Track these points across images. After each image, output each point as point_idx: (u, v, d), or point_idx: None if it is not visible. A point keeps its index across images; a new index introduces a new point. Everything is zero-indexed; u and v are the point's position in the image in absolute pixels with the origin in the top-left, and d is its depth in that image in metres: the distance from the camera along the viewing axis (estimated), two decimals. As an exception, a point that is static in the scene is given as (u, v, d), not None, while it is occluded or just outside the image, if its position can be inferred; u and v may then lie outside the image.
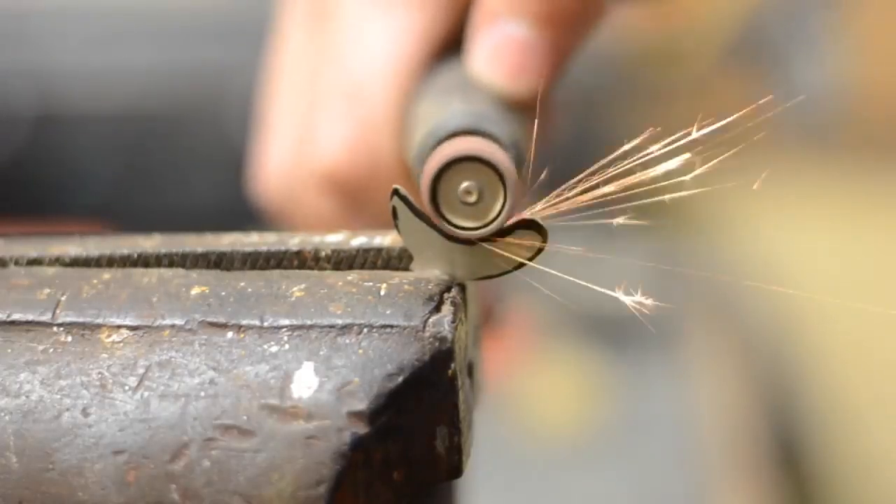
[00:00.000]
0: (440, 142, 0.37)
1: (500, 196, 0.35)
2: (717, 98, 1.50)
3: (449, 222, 0.35)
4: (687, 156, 0.35)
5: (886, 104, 1.54)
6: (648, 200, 0.37)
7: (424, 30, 0.48)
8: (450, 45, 0.48)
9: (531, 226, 0.35)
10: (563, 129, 0.55)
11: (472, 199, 0.35)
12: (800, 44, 1.46)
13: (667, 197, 0.38)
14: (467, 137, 0.37)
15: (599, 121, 1.37)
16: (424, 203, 0.35)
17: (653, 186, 0.37)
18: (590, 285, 0.38)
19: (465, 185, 0.35)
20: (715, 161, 0.36)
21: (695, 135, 0.36)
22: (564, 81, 0.48)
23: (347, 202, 0.50)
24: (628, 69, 1.41)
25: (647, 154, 0.36)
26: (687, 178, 0.37)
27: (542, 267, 0.36)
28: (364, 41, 0.48)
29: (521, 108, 0.44)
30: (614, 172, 0.37)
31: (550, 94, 0.47)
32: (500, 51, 0.45)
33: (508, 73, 0.45)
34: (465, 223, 0.35)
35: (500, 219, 0.35)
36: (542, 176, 0.37)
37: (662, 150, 0.36)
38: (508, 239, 0.35)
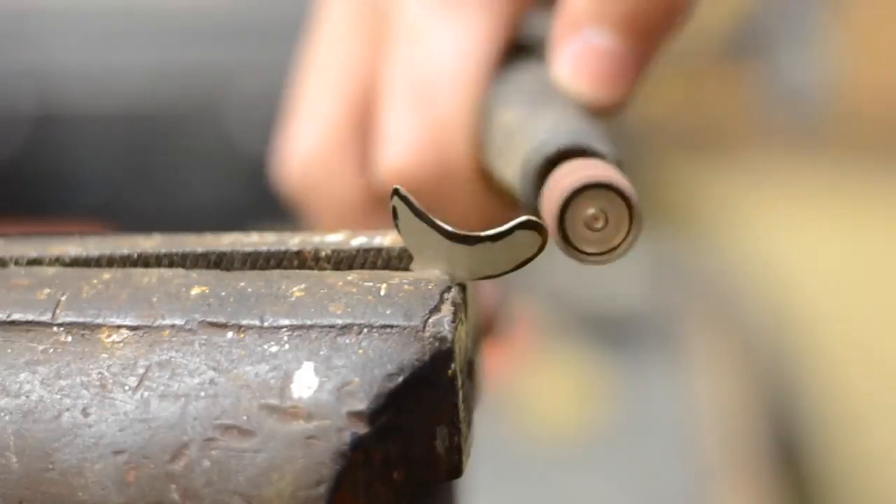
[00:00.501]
0: (550, 159, 0.37)
1: (624, 221, 0.35)
2: (710, 95, 1.50)
3: (576, 249, 0.35)
4: None
5: (881, 102, 1.54)
6: None
7: (495, 29, 0.48)
8: (516, 43, 0.48)
9: (532, 226, 0.35)
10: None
11: (600, 225, 0.35)
12: (793, 41, 1.46)
13: None
14: (585, 161, 0.37)
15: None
16: (551, 231, 0.35)
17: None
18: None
19: (591, 211, 0.35)
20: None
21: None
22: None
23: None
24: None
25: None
26: None
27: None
28: (434, 42, 0.48)
29: (607, 116, 0.44)
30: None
31: (633, 102, 0.47)
32: (584, 59, 0.45)
33: (595, 83, 0.45)
34: (591, 249, 0.35)
35: (625, 244, 0.35)
36: None
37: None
38: (509, 239, 0.35)
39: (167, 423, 0.34)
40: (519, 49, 0.48)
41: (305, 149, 0.53)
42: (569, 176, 0.35)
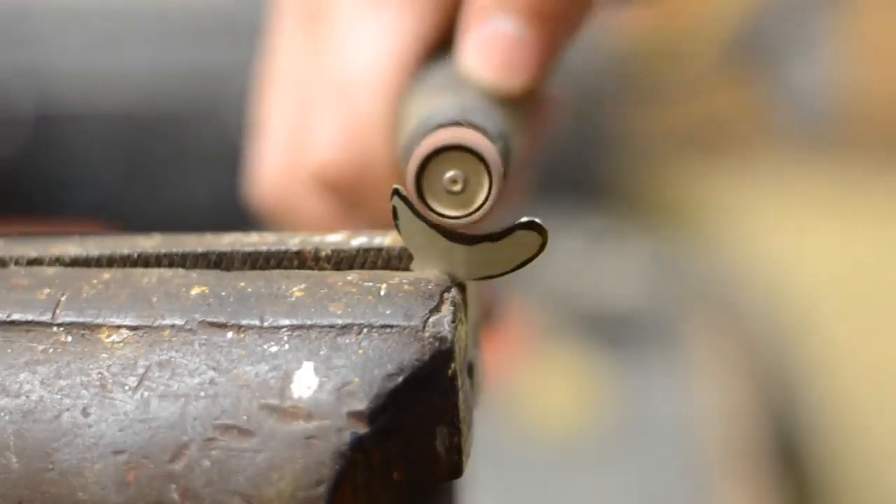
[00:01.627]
0: (427, 134, 0.37)
1: (485, 184, 0.35)
2: (714, 99, 1.50)
3: (434, 211, 0.35)
4: None
5: (886, 106, 1.54)
6: None
7: (415, 28, 0.48)
8: (440, 44, 0.48)
9: (531, 226, 0.35)
10: (562, 125, 0.55)
11: (458, 187, 0.35)
12: (797, 45, 1.46)
13: None
14: (452, 128, 0.37)
15: (597, 120, 1.38)
16: (410, 192, 0.35)
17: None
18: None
19: (450, 173, 0.35)
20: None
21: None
22: (560, 78, 0.48)
23: (340, 202, 0.50)
24: (627, 69, 1.42)
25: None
26: None
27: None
28: (354, 40, 0.48)
29: (512, 103, 0.44)
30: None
31: (542, 89, 0.47)
32: (490, 46, 0.45)
33: (498, 68, 0.45)
34: (450, 212, 0.35)
35: (485, 206, 0.35)
36: (537, 170, 0.37)
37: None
38: (509, 239, 0.35)
39: (167, 423, 0.34)
40: (449, 47, 0.48)
41: (269, 169, 0.53)
42: (429, 140, 0.36)
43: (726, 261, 1.33)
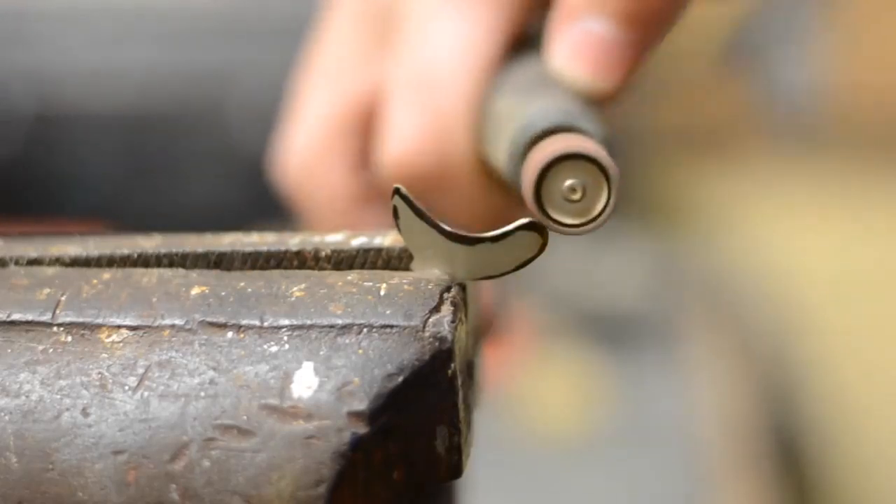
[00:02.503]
0: (535, 139, 0.37)
1: (603, 192, 0.35)
2: (711, 99, 1.50)
3: (554, 220, 0.35)
4: None
5: (875, 103, 1.54)
6: None
7: (499, 24, 0.48)
8: (521, 40, 0.49)
9: (532, 227, 0.35)
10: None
11: (577, 196, 0.35)
12: (787, 44, 1.46)
13: None
14: (564, 135, 0.37)
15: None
16: (528, 201, 0.35)
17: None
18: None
19: (569, 182, 0.35)
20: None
21: None
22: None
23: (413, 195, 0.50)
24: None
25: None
26: None
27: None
28: (438, 36, 0.48)
29: (601, 104, 0.45)
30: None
31: (629, 91, 0.47)
32: (583, 48, 0.45)
33: (591, 69, 0.45)
34: (570, 220, 0.35)
35: (604, 214, 0.35)
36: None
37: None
38: (509, 240, 0.35)
39: (167, 423, 0.34)
40: (527, 44, 0.49)
41: (301, 146, 0.53)
42: (547, 148, 0.36)
43: (726, 261, 1.34)
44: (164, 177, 1.18)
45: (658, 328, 1.18)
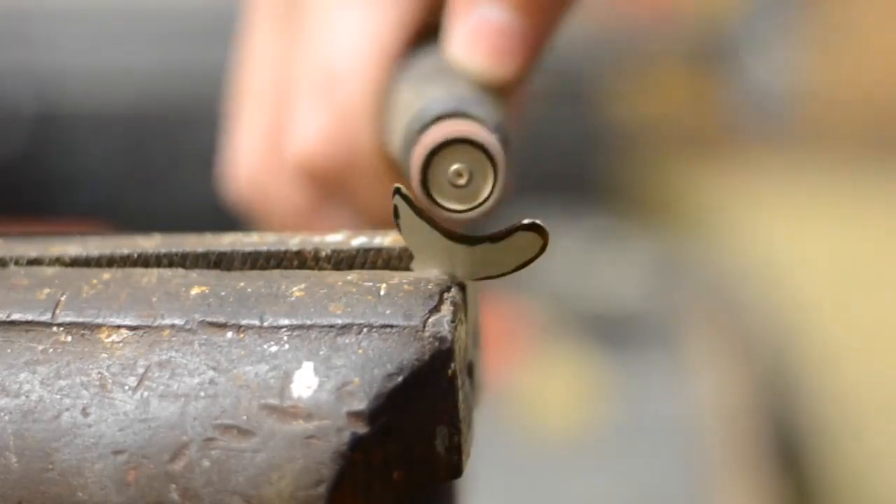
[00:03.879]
0: (425, 127, 0.37)
1: (489, 177, 0.35)
2: (707, 99, 1.50)
3: (440, 205, 0.35)
4: None
5: (866, 103, 1.54)
6: None
7: (398, 16, 0.48)
8: (425, 32, 0.48)
9: (532, 227, 0.35)
10: (528, 116, 0.55)
11: (463, 181, 0.35)
12: (763, 44, 1.46)
13: None
14: (453, 121, 0.37)
15: (597, 120, 1.38)
16: (415, 186, 0.35)
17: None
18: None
19: (454, 167, 0.35)
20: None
21: None
22: (555, 75, 0.48)
23: (323, 193, 0.50)
24: (626, 68, 1.41)
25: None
26: None
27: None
28: (338, 30, 0.48)
29: (499, 92, 0.44)
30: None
31: (528, 78, 0.47)
32: (479, 35, 0.45)
33: (487, 56, 0.45)
34: (456, 206, 0.35)
35: (490, 199, 0.35)
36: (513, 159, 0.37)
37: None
38: (510, 240, 0.35)
39: (167, 423, 0.34)
40: (431, 36, 0.48)
41: (246, 159, 0.53)
42: (433, 133, 0.36)
43: (726, 261, 1.34)
44: (164, 176, 1.18)
45: (658, 328, 1.18)
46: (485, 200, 0.35)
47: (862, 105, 1.53)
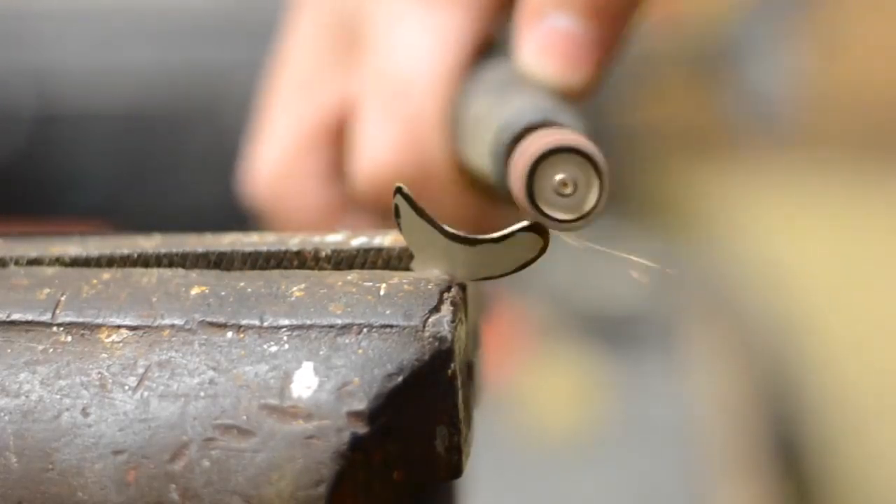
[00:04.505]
0: (518, 136, 0.37)
1: (595, 186, 0.35)
2: (708, 99, 1.50)
3: (547, 216, 0.35)
4: None
5: (859, 102, 1.54)
6: None
7: (467, 26, 0.48)
8: (490, 43, 0.49)
9: (533, 228, 0.35)
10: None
11: (569, 190, 0.35)
12: (765, 46, 1.46)
13: None
14: (552, 129, 0.37)
15: (598, 121, 1.37)
16: (519, 196, 0.35)
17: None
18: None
19: (560, 177, 0.35)
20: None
21: None
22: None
23: (391, 207, 0.50)
24: (625, 68, 1.42)
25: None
26: None
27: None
28: (405, 41, 0.48)
29: (574, 99, 0.45)
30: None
31: (601, 84, 0.47)
32: (550, 44, 0.45)
33: (560, 65, 0.45)
34: (563, 216, 0.35)
35: (597, 208, 0.35)
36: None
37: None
38: (510, 241, 0.35)
39: (167, 423, 0.34)
40: (495, 47, 0.48)
41: (272, 160, 0.53)
42: (535, 143, 0.35)
43: (726, 261, 1.34)
44: (164, 177, 1.18)
45: (658, 328, 1.18)
46: (592, 209, 0.35)
47: (861, 106, 1.54)
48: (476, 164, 0.43)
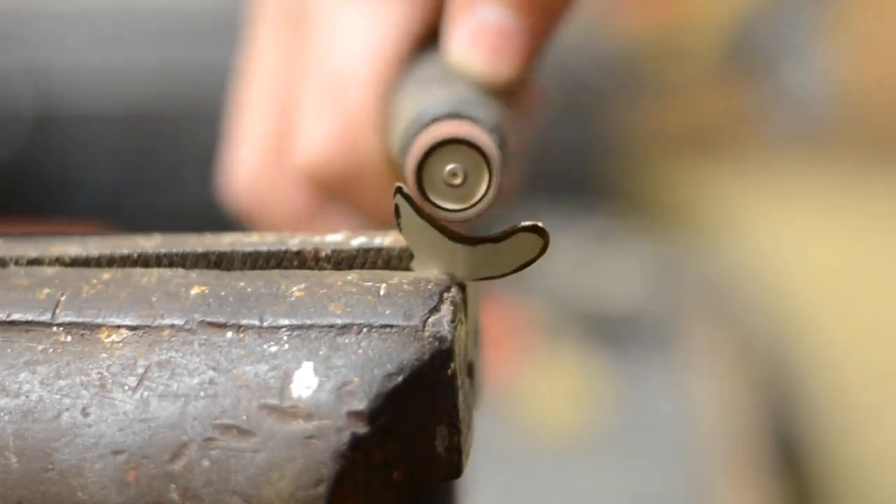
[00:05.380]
0: (422, 129, 0.38)
1: (484, 177, 0.35)
2: (713, 100, 1.50)
3: (435, 204, 0.35)
4: None
5: (881, 104, 1.54)
6: None
7: (402, 21, 0.48)
8: (428, 37, 0.49)
9: (533, 229, 0.35)
10: (546, 116, 0.55)
11: (458, 181, 0.35)
12: (792, 46, 1.46)
13: None
14: (449, 122, 0.37)
15: (598, 121, 1.38)
16: (410, 186, 0.35)
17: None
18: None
19: (449, 167, 0.35)
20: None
21: None
22: (561, 77, 0.48)
23: (329, 198, 0.51)
24: (627, 68, 1.42)
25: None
26: None
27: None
28: (342, 36, 0.48)
29: (501, 93, 0.45)
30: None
31: (530, 79, 0.47)
32: (478, 37, 0.45)
33: (487, 58, 0.45)
34: (451, 205, 0.35)
35: (485, 199, 0.36)
36: (527, 162, 0.37)
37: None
38: (510, 241, 0.35)
39: (167, 423, 0.34)
40: (434, 41, 0.49)
41: (247, 163, 0.53)
42: (429, 134, 0.36)
43: (726, 261, 1.34)
44: (164, 177, 1.18)
45: (658, 328, 1.18)
46: (480, 200, 0.35)
47: (877, 106, 1.53)
48: (396, 156, 0.43)
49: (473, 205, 0.35)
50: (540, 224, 0.35)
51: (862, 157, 1.54)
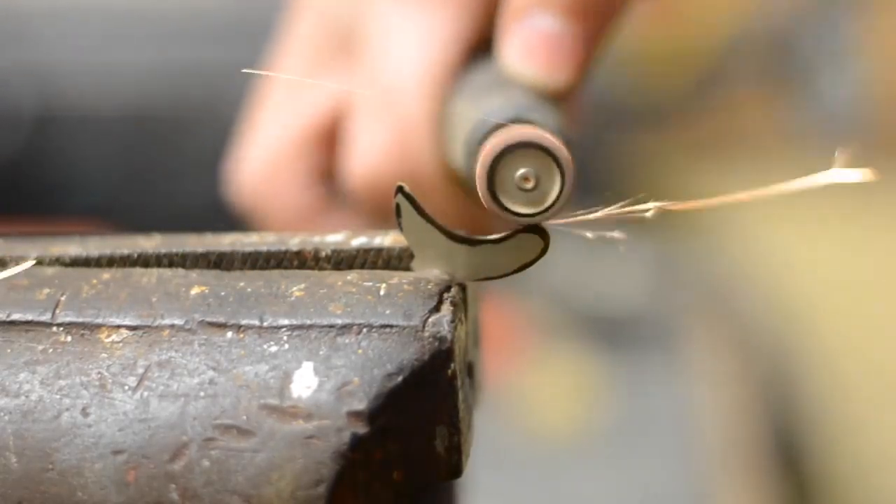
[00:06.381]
0: (487, 135, 0.37)
1: (556, 181, 0.35)
2: (743, 112, 1.50)
3: (508, 210, 0.35)
4: None
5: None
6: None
7: (455, 31, 0.49)
8: (480, 45, 0.49)
9: (534, 230, 0.35)
10: (584, 123, 0.55)
11: (530, 185, 0.35)
12: (826, 56, 1.46)
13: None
14: (518, 126, 0.37)
15: (599, 122, 1.38)
16: (481, 191, 0.35)
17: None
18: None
19: (521, 171, 0.35)
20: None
21: None
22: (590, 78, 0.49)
23: (383, 208, 0.51)
24: (630, 72, 1.42)
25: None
26: None
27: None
28: (396, 46, 0.49)
29: (556, 98, 0.45)
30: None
31: (583, 84, 0.47)
32: (532, 45, 0.46)
33: (542, 65, 0.45)
34: (524, 210, 0.35)
35: (558, 203, 0.35)
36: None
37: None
38: (511, 242, 0.35)
39: (167, 423, 0.34)
40: (486, 50, 0.49)
41: (260, 162, 0.54)
42: (498, 139, 0.36)
43: (726, 263, 1.34)
44: (163, 177, 1.18)
45: (658, 328, 1.18)
46: (553, 203, 0.35)
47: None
48: (458, 164, 0.43)
49: (547, 208, 0.35)
50: (539, 224, 0.35)
51: (869, 159, 1.54)
